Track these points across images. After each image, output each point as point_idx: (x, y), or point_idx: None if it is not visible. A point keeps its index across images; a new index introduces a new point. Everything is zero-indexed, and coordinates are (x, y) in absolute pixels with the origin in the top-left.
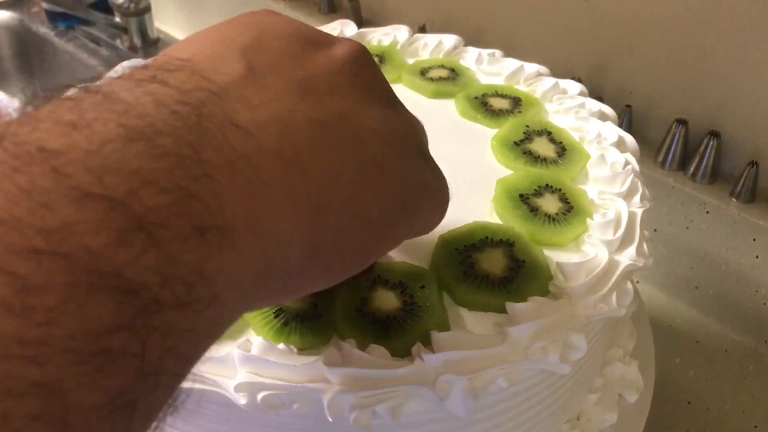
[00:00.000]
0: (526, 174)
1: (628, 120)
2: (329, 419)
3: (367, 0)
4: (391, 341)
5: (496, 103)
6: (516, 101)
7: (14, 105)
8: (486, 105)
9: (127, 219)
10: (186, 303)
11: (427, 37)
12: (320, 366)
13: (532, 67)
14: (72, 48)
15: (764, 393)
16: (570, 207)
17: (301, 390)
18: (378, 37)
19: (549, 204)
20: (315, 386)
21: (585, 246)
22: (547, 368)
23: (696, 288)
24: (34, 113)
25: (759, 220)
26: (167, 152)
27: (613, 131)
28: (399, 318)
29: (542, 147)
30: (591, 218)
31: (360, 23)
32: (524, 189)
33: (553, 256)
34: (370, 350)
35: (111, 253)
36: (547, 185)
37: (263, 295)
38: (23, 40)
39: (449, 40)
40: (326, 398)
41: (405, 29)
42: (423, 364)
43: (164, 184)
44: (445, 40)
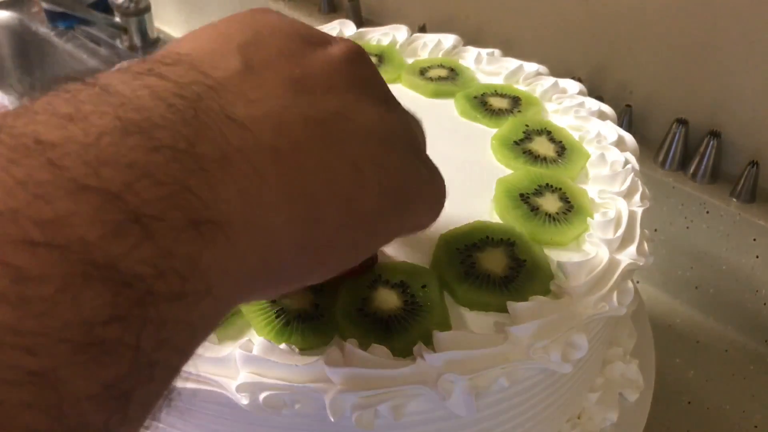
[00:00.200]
0: (526, 173)
1: (628, 120)
2: (331, 419)
3: (367, 0)
4: (393, 341)
5: (496, 103)
6: (515, 101)
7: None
8: (485, 104)
9: (123, 211)
10: (180, 295)
11: (426, 37)
12: (322, 366)
13: (532, 67)
14: (72, 48)
15: (764, 393)
16: (570, 206)
17: (303, 390)
18: (377, 37)
19: (549, 203)
20: (317, 386)
21: (585, 245)
22: (549, 368)
23: (696, 288)
24: (31, 105)
25: (759, 220)
26: (163, 145)
27: (613, 130)
28: (400, 318)
29: (542, 146)
30: (591, 217)
31: (360, 23)
32: (524, 188)
33: (554, 256)
34: (372, 350)
35: (106, 245)
36: (548, 184)
37: (257, 288)
38: (23, 40)
39: (448, 40)
40: (328, 398)
41: (404, 29)
42: (424, 364)
43: (160, 177)
44: (444, 40)
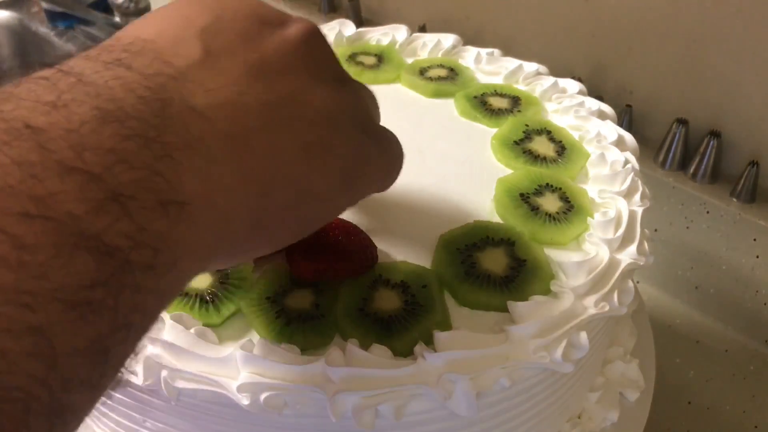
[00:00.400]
0: (527, 173)
1: (629, 120)
2: (332, 419)
3: (367, 0)
4: (393, 341)
5: (496, 103)
6: (515, 100)
7: None
8: (485, 104)
9: (104, 191)
10: (152, 266)
11: (426, 37)
12: (323, 366)
13: (531, 66)
14: (72, 48)
15: (764, 393)
16: (570, 206)
17: (304, 390)
18: (377, 37)
19: (549, 203)
20: (317, 386)
21: (586, 245)
22: (550, 367)
23: (696, 288)
24: (14, 90)
25: (759, 220)
26: (136, 134)
27: (613, 130)
28: (401, 318)
29: (542, 146)
30: (591, 217)
31: (360, 23)
32: (525, 188)
33: (554, 255)
34: (373, 350)
35: (91, 219)
36: (548, 184)
37: (213, 261)
38: (23, 40)
39: (448, 40)
40: (329, 398)
41: (403, 29)
42: (425, 364)
43: (134, 162)
44: (444, 40)
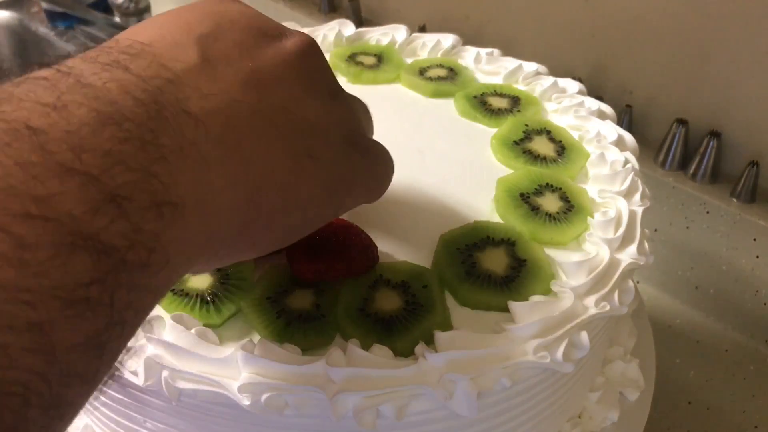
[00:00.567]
0: (527, 173)
1: (629, 120)
2: (333, 420)
3: (367, 0)
4: (394, 341)
5: (495, 103)
6: (515, 100)
7: None
8: (485, 104)
9: (102, 192)
10: (146, 265)
11: (426, 37)
12: (324, 366)
13: (531, 66)
14: (72, 48)
15: (764, 393)
16: (571, 206)
17: (305, 391)
18: (376, 37)
19: (550, 203)
20: (318, 387)
21: (586, 244)
22: (551, 367)
23: (696, 288)
24: (14, 91)
25: (759, 220)
26: (132, 136)
27: (613, 130)
28: (402, 318)
29: (542, 146)
30: (592, 217)
31: (360, 23)
32: (525, 188)
33: (555, 255)
34: (373, 350)
35: (90, 219)
36: (548, 184)
37: (200, 263)
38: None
39: (447, 40)
40: (330, 399)
41: (403, 29)
42: (426, 364)
43: (131, 164)
44: (444, 40)
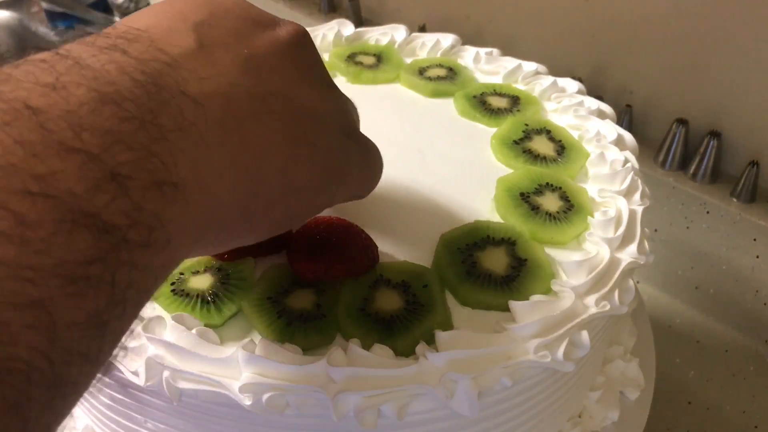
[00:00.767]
0: (527, 172)
1: (629, 120)
2: (334, 419)
3: (367, 0)
4: (395, 341)
5: (495, 102)
6: (515, 100)
7: None
8: (485, 104)
9: (102, 170)
10: (147, 244)
11: (425, 37)
12: (324, 366)
13: (530, 66)
14: None
15: (764, 393)
16: (571, 205)
17: (306, 390)
18: (376, 37)
19: (550, 202)
20: (319, 386)
21: (586, 244)
22: (551, 366)
23: (696, 288)
24: (13, 72)
25: (759, 220)
26: (132, 116)
27: (612, 129)
28: (402, 317)
29: (542, 145)
30: (592, 216)
31: (360, 23)
32: (525, 187)
33: (555, 255)
34: (374, 350)
35: (91, 197)
36: (548, 183)
37: (200, 246)
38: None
39: (447, 40)
40: (331, 398)
41: (402, 28)
42: (427, 364)
43: (131, 143)
44: (443, 39)
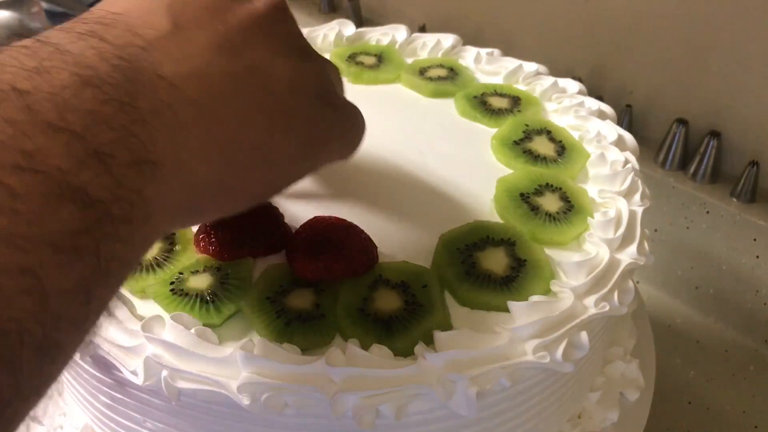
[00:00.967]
0: (527, 173)
1: (629, 120)
2: (333, 419)
3: (367, 0)
4: (394, 341)
5: (496, 103)
6: (515, 100)
7: None
8: (485, 104)
9: (86, 148)
10: (129, 219)
11: (426, 37)
12: (323, 366)
13: (531, 66)
14: None
15: (764, 393)
16: (571, 206)
17: (305, 390)
18: (376, 37)
19: (550, 203)
20: (318, 386)
21: (586, 244)
22: (550, 367)
23: (696, 288)
24: None
25: (759, 220)
26: (112, 98)
27: (613, 130)
28: (401, 318)
29: (542, 146)
30: (592, 217)
31: (360, 23)
32: (525, 188)
33: (555, 255)
34: (373, 350)
35: (76, 173)
36: (548, 184)
37: (181, 219)
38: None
39: (447, 40)
40: (330, 398)
41: (403, 29)
42: (426, 364)
43: (111, 124)
44: (444, 40)
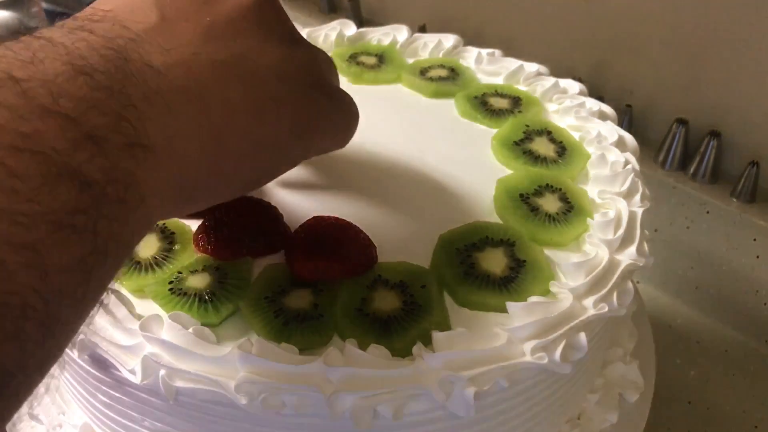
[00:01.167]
0: (527, 173)
1: (629, 120)
2: (330, 419)
3: (367, 0)
4: (392, 341)
5: (496, 103)
6: (516, 101)
7: None
8: (486, 105)
9: (80, 131)
10: (123, 200)
11: (427, 37)
12: (321, 366)
13: (532, 67)
14: None
15: (764, 393)
16: (570, 206)
17: (302, 390)
18: (377, 37)
19: (549, 203)
20: (316, 386)
21: (585, 245)
22: (548, 368)
23: (696, 288)
24: None
25: (759, 220)
26: (103, 86)
27: (613, 131)
28: (400, 318)
29: (542, 146)
30: (591, 218)
31: (360, 23)
32: (524, 189)
33: (554, 256)
34: (371, 350)
35: (72, 154)
36: (548, 185)
37: (176, 205)
38: None
39: (448, 40)
40: (327, 398)
41: (404, 29)
42: (424, 364)
43: (103, 109)
44: (445, 40)
